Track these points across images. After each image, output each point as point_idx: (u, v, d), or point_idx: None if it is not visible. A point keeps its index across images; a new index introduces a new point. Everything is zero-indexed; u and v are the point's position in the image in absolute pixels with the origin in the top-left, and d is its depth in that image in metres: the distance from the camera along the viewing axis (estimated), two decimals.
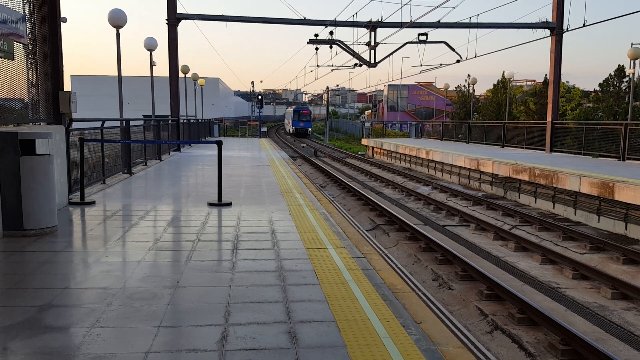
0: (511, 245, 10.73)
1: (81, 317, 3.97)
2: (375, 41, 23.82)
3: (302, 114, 63.96)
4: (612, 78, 30.65)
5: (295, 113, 64.29)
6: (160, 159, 17.73)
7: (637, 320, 7.00)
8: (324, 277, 5.07)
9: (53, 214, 6.74)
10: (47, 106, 8.33)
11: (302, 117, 63.27)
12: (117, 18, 15.58)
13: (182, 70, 30.87)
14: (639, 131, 18.34)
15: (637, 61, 22.99)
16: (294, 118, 63.31)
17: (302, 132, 62.62)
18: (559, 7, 21.31)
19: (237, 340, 3.62)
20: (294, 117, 63.44)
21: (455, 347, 3.65)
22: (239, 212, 8.41)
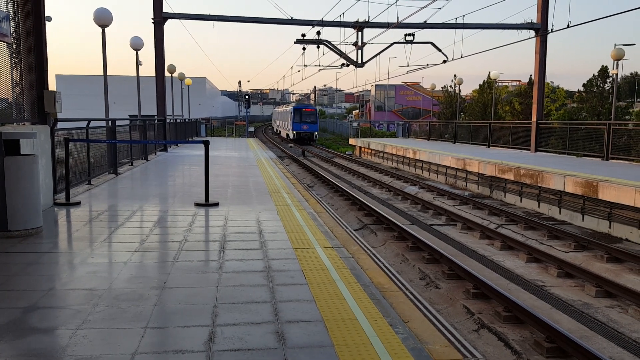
0: (497, 244, 10.82)
1: (67, 319, 3.94)
2: (362, 41, 23.88)
3: (305, 113, 47.65)
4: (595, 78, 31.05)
5: (295, 112, 47.60)
6: (147, 159, 17.61)
7: (620, 318, 7.10)
8: (312, 276, 5.08)
9: (38, 214, 6.66)
10: (31, 106, 8.24)
11: (305, 117, 47.39)
12: (102, 17, 15.44)
13: (168, 69, 30.67)
14: (622, 131, 18.60)
15: (620, 62, 23.31)
16: (295, 119, 47.14)
17: (306, 138, 46.83)
18: (544, 8, 21.53)
19: (225, 340, 3.62)
20: (295, 117, 47.28)
21: (442, 345, 3.68)
22: (227, 212, 8.38)
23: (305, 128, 46.49)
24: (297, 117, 47.04)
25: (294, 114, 47.21)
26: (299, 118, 46.97)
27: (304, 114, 47.05)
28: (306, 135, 46.33)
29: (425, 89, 71.64)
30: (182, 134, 30.19)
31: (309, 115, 47.38)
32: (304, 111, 47.42)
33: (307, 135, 46.45)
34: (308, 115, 47.33)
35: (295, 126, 46.73)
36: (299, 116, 47.02)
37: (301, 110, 47.42)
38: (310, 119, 47.03)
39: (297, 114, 47.20)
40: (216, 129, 56.92)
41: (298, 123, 46.65)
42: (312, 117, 47.31)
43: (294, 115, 47.13)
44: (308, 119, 47.00)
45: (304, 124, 46.66)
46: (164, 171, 14.88)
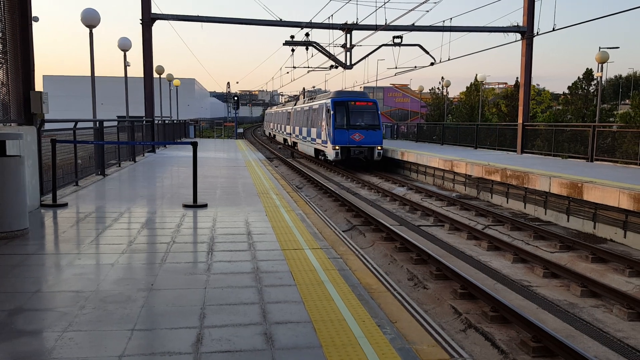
0: (484, 245, 10.91)
1: (53, 321, 3.92)
2: (350, 43, 23.95)
3: (357, 109, 25.93)
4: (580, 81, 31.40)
5: (338, 109, 25.61)
6: (135, 161, 17.51)
7: (605, 317, 7.19)
8: (300, 278, 5.09)
9: (24, 216, 6.60)
10: (17, 107, 8.16)
11: (357, 117, 25.77)
12: (90, 18, 15.34)
13: (156, 70, 30.55)
14: (607, 133, 18.84)
15: (604, 65, 23.62)
16: (337, 122, 25.42)
17: (362, 158, 25.63)
18: (530, 11, 21.76)
19: (213, 342, 3.62)
20: (337, 118, 25.47)
21: (430, 345, 3.71)
22: (215, 213, 8.36)
23: (358, 139, 24.84)
24: (342, 117, 25.13)
25: (335, 113, 25.08)
26: (346, 120, 25.11)
27: (354, 112, 25.35)
28: (361, 154, 24.95)
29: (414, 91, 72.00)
30: (171, 135, 30.06)
31: (364, 113, 25.56)
32: (355, 106, 25.52)
33: (362, 152, 24.94)
34: (363, 113, 25.53)
35: (339, 136, 24.87)
36: (345, 116, 25.12)
37: (348, 104, 25.33)
38: (367, 120, 25.41)
39: (341, 111, 25.18)
40: (205, 130, 56.72)
41: (343, 129, 24.92)
42: (371, 118, 25.52)
43: (335, 114, 25.05)
44: (363, 122, 25.30)
45: (356, 131, 24.91)
46: (152, 172, 14.80)
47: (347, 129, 25.01)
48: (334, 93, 27.13)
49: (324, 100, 27.62)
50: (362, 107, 25.92)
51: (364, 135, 24.99)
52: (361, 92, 28.69)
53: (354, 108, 25.59)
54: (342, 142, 24.83)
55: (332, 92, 27.66)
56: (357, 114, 25.54)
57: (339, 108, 25.40)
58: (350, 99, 26.02)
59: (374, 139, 25.18)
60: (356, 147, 24.91)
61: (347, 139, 24.89)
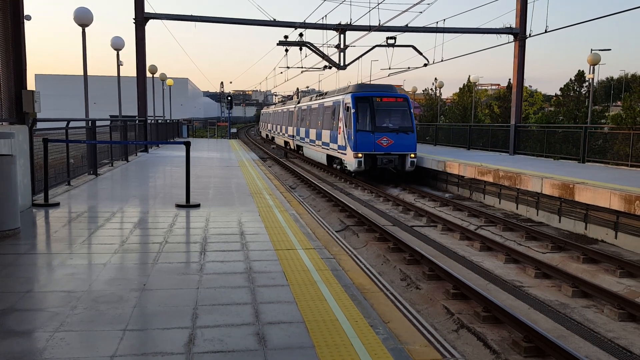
0: (476, 245, 10.95)
1: (44, 321, 3.90)
2: (344, 44, 23.97)
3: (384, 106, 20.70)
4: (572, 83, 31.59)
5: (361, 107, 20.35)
6: (127, 160, 17.44)
7: (596, 318, 7.24)
8: (293, 278, 5.09)
9: (15, 215, 6.57)
10: (9, 105, 8.11)
11: (384, 117, 20.64)
12: (83, 17, 15.27)
13: (150, 70, 30.45)
14: (598, 134, 18.97)
15: (596, 67, 23.78)
16: (360, 123, 20.13)
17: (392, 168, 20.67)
18: (522, 13, 21.87)
19: (205, 342, 3.61)
20: (361, 118, 20.22)
21: (422, 345, 3.72)
22: (208, 213, 8.35)
23: (386, 144, 19.96)
24: (367, 117, 20.30)
25: (357, 111, 20.19)
26: (371, 120, 20.22)
27: (381, 110, 20.50)
28: (390, 163, 20.19)
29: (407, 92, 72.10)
30: (164, 134, 29.96)
31: (394, 112, 20.79)
32: (382, 102, 20.56)
33: (391, 161, 20.14)
34: (392, 112, 20.78)
35: (363, 140, 19.92)
36: (369, 115, 20.29)
37: (373, 100, 20.44)
38: (397, 121, 20.59)
39: (364, 109, 20.37)
40: (198, 130, 56.60)
41: (367, 132, 20.02)
42: (403, 118, 20.67)
43: (357, 113, 20.18)
44: (393, 122, 20.52)
45: (383, 134, 20.04)
46: (144, 172, 14.74)
47: (373, 131, 19.88)
48: (354, 87, 21.89)
49: (341, 95, 22.30)
50: (390, 104, 20.70)
51: (393, 139, 19.93)
52: (388, 85, 22.65)
53: (381, 105, 20.46)
54: (366, 148, 19.77)
55: (351, 85, 22.45)
56: (385, 112, 20.57)
57: (362, 105, 20.27)
58: (375, 93, 20.83)
59: (406, 144, 20.04)
60: (384, 155, 19.89)
61: (373, 145, 19.79)
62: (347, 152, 20.51)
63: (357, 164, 19.84)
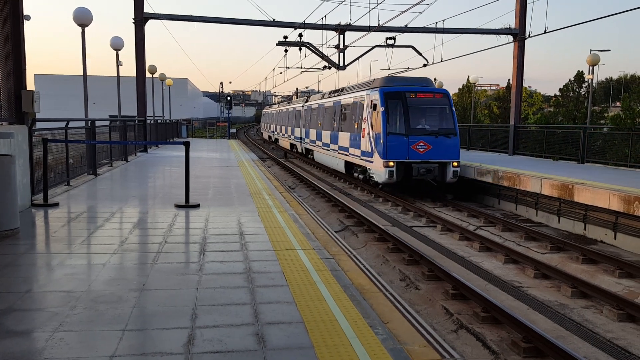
0: (476, 246, 10.95)
1: (44, 321, 3.90)
2: (344, 44, 23.98)
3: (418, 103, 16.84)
4: (571, 83, 31.61)
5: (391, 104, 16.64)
6: (127, 160, 17.44)
7: (595, 318, 7.25)
8: (293, 278, 5.10)
9: (15, 216, 6.57)
10: (9, 105, 8.12)
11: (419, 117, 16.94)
12: (82, 17, 15.26)
13: (149, 70, 30.44)
14: (597, 135, 18.99)
15: (595, 67, 23.80)
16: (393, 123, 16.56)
17: (432, 180, 16.86)
18: (522, 14, 21.88)
19: (204, 342, 3.61)
20: (392, 118, 16.57)
21: (421, 346, 3.73)
22: (207, 213, 8.35)
23: (423, 150, 16.53)
24: (399, 117, 16.89)
25: (387, 110, 16.73)
26: (405, 121, 16.69)
27: (417, 109, 17.08)
28: (429, 174, 16.67)
29: None
30: (163, 135, 29.96)
31: (432, 111, 17.52)
32: (417, 99, 17.07)
33: (430, 170, 16.61)
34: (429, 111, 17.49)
35: (395, 145, 16.45)
36: (403, 115, 16.79)
37: (406, 96, 16.92)
38: (437, 122, 17.29)
39: (396, 107, 16.94)
40: (197, 130, 56.57)
41: (400, 136, 16.56)
42: (443, 118, 17.29)
43: (387, 112, 16.72)
44: (431, 124, 17.19)
45: (420, 137, 16.57)
46: (144, 172, 14.74)
47: (407, 134, 16.27)
48: (381, 80, 18.09)
49: (365, 91, 18.64)
50: (427, 101, 16.96)
51: (431, 144, 16.33)
52: (422, 78, 18.47)
53: (416, 102, 16.70)
54: (398, 155, 16.16)
55: (377, 78, 18.69)
56: (421, 111, 16.92)
57: (393, 103, 16.62)
58: (409, 87, 17.07)
59: (447, 149, 16.41)
60: (421, 164, 16.26)
61: (407, 151, 16.18)
62: (375, 159, 17.01)
63: (387, 174, 16.23)
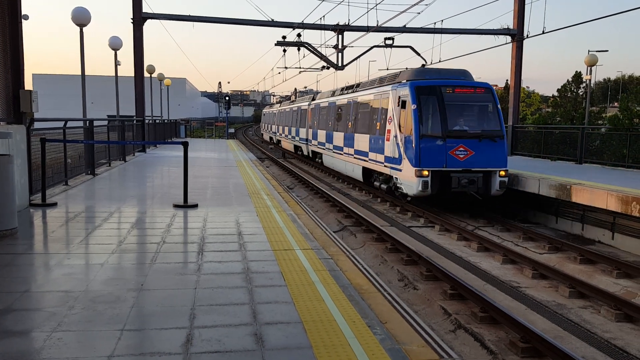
0: (474, 246, 10.97)
1: (42, 321, 3.89)
2: (342, 44, 23.99)
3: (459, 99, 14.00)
4: (569, 84, 31.71)
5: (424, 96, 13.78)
6: (125, 160, 17.42)
7: (593, 318, 7.26)
8: (291, 278, 5.10)
9: (13, 215, 6.56)
10: (7, 105, 8.11)
11: (463, 117, 14.02)
12: (80, 16, 15.24)
13: (147, 70, 30.40)
14: (595, 135, 19.01)
15: (593, 68, 23.85)
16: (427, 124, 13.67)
17: (475, 192, 13.51)
18: (520, 14, 21.91)
19: (203, 342, 3.61)
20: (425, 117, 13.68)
21: (419, 346, 3.73)
22: (206, 213, 8.35)
23: (464, 157, 13.56)
24: (434, 116, 13.86)
25: (419, 108, 13.67)
26: (442, 121, 13.68)
27: (455, 107, 14.02)
28: (471, 185, 13.45)
29: None
30: (161, 134, 29.93)
31: (473, 109, 14.48)
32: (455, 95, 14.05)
33: (473, 181, 13.45)
34: (470, 109, 14.46)
35: (429, 151, 13.45)
36: (439, 114, 13.75)
37: (442, 91, 13.91)
38: (479, 122, 14.20)
39: (431, 104, 13.92)
40: (196, 130, 56.55)
41: (436, 139, 13.56)
42: (487, 118, 14.26)
43: (419, 111, 13.66)
44: (472, 125, 14.05)
45: (459, 141, 13.60)
46: (142, 172, 14.73)
47: (444, 137, 13.40)
48: (411, 72, 15.11)
49: (388, 85, 15.67)
50: (468, 97, 14.19)
51: (473, 149, 13.47)
52: (459, 70, 15.36)
53: (454, 99, 13.87)
54: (434, 162, 13.31)
55: (405, 71, 15.74)
56: (461, 109, 14.07)
57: (427, 99, 13.74)
58: (445, 81, 14.23)
59: (493, 156, 13.58)
60: (462, 173, 13.34)
61: (444, 157, 13.35)
62: (404, 167, 13.92)
63: (420, 185, 13.19)
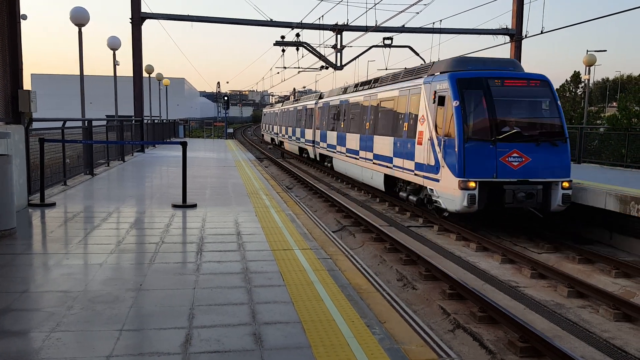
0: (473, 246, 10.96)
1: (41, 321, 3.89)
2: (341, 44, 24.01)
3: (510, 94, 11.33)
4: (568, 84, 31.74)
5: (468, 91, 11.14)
6: (124, 160, 17.41)
7: (592, 318, 7.26)
8: (290, 278, 5.10)
9: (11, 215, 6.55)
10: (5, 105, 8.10)
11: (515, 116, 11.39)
12: (79, 16, 15.22)
13: (146, 70, 30.38)
14: (594, 135, 19.03)
15: (592, 68, 23.87)
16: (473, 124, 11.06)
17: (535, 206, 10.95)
18: (519, 14, 21.94)
19: (202, 342, 3.61)
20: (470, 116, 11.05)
21: (418, 345, 3.73)
22: (204, 213, 8.34)
23: (518, 164, 10.83)
24: (481, 115, 11.18)
25: (462, 105, 11.02)
26: (490, 120, 11.05)
27: (505, 103, 11.36)
28: (529, 200, 10.81)
29: None
30: (160, 134, 29.92)
31: (528, 106, 11.76)
32: (506, 89, 11.38)
33: (531, 195, 10.82)
34: (524, 105, 11.74)
35: (477, 157, 10.82)
36: (487, 112, 11.10)
37: (490, 83, 11.25)
38: (536, 123, 11.67)
39: (475, 100, 11.26)
40: (194, 130, 56.54)
41: (484, 143, 10.87)
42: (544, 117, 11.71)
43: (462, 108, 11.01)
44: (526, 126, 11.43)
45: (513, 145, 10.85)
46: (141, 172, 14.72)
47: (494, 141, 10.86)
48: (448, 63, 12.39)
49: (418, 79, 13.21)
50: (521, 92, 11.65)
51: (530, 155, 10.95)
52: (505, 59, 13.06)
53: (505, 93, 11.37)
54: (482, 171, 10.83)
55: (439, 62, 13.00)
56: (512, 106, 11.58)
57: (472, 94, 11.27)
58: (492, 72, 11.72)
59: (554, 163, 11.19)
60: (518, 185, 10.89)
61: (494, 165, 10.83)
62: (443, 176, 11.40)
63: (466, 200, 10.65)
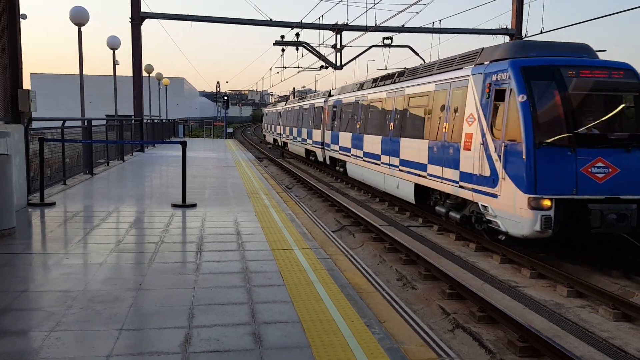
0: (472, 246, 10.96)
1: (40, 321, 3.89)
2: (341, 44, 24.01)
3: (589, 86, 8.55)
4: None
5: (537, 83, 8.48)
6: (123, 160, 17.41)
7: (591, 318, 7.26)
8: (290, 278, 5.10)
9: (11, 215, 6.55)
10: (5, 105, 8.10)
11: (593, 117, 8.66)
12: (79, 16, 15.21)
13: (146, 69, 30.36)
14: None
15: None
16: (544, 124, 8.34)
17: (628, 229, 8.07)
18: (518, 14, 21.95)
19: (201, 342, 3.61)
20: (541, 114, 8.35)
21: (418, 345, 3.74)
22: (204, 213, 8.34)
23: (603, 176, 8.25)
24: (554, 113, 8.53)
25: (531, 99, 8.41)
26: (567, 120, 8.43)
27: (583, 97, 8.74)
28: (622, 223, 8.09)
29: None
30: (160, 134, 29.93)
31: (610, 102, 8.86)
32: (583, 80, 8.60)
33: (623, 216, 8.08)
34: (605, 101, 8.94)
35: (550, 166, 8.24)
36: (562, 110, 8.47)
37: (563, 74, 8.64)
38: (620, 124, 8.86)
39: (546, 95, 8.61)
40: (194, 130, 56.51)
41: (560, 149, 8.30)
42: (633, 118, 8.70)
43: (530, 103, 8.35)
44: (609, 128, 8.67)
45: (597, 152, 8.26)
46: (140, 172, 14.72)
47: (572, 147, 8.44)
48: (507, 48, 9.91)
49: (462, 69, 10.93)
50: (601, 84, 8.99)
51: (619, 165, 8.49)
52: (578, 44, 10.05)
53: (582, 86, 8.87)
54: (557, 185, 8.43)
55: (497, 46, 10.43)
56: (592, 101, 9.25)
57: (542, 87, 8.85)
58: (565, 60, 9.22)
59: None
60: (605, 203, 8.38)
61: (574, 177, 8.42)
62: (503, 191, 9.09)
63: (539, 223, 8.41)
